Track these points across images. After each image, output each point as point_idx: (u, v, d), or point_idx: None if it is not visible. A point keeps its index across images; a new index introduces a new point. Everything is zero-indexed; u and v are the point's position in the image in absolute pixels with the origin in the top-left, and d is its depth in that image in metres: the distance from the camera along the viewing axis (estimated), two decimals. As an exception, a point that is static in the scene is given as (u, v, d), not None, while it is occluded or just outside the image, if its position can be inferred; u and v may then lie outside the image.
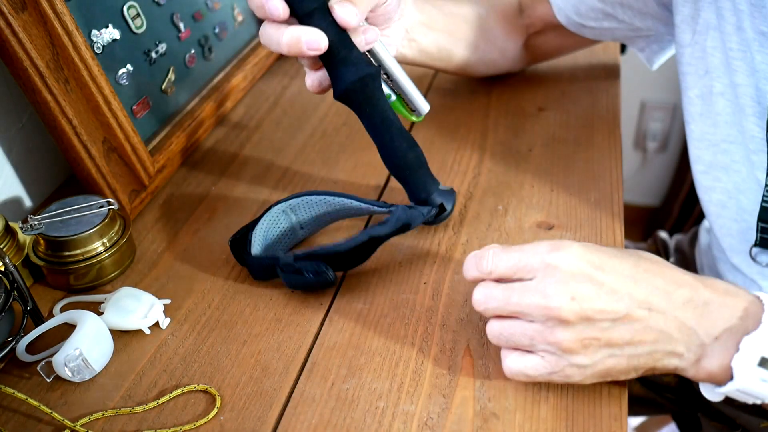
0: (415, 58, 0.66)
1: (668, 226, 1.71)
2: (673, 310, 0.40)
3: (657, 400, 0.84)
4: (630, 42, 0.73)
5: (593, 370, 0.41)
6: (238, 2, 0.83)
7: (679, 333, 0.40)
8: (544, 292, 0.40)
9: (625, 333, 0.40)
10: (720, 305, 0.40)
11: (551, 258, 0.41)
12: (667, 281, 0.41)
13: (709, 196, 0.60)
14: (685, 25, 0.58)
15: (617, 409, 0.43)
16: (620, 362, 0.41)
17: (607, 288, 0.40)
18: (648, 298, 0.40)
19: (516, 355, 0.43)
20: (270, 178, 0.67)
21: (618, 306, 0.40)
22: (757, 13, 0.52)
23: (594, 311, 0.39)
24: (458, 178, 0.65)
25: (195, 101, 0.73)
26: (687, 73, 0.59)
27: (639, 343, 0.40)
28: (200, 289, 0.55)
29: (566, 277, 0.40)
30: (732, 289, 0.42)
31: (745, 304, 0.40)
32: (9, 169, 0.62)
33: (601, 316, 0.40)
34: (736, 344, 0.40)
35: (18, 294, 0.48)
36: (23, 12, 0.51)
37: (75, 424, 0.44)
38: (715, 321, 0.40)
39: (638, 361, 0.41)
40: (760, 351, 0.39)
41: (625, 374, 0.42)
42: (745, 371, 0.39)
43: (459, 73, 0.75)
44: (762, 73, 0.52)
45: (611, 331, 0.40)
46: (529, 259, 0.41)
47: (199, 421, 0.44)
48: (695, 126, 0.59)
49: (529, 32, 0.75)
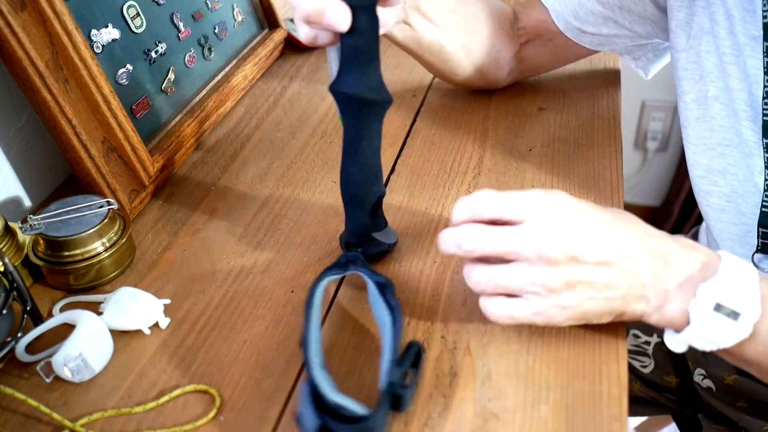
0: (404, 43, 0.65)
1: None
2: (646, 258, 0.43)
3: (657, 400, 0.84)
4: (627, 52, 0.73)
5: (573, 311, 0.44)
6: (238, 2, 0.83)
7: (649, 278, 0.43)
8: (536, 234, 0.42)
9: (605, 276, 0.43)
10: (684, 256, 0.44)
11: (542, 202, 0.44)
12: (641, 232, 0.45)
13: (708, 200, 0.60)
14: (680, 30, 0.59)
15: (617, 410, 0.43)
16: (598, 304, 0.44)
17: (592, 233, 0.43)
18: (626, 245, 0.43)
19: (500, 299, 0.45)
20: (270, 178, 0.67)
21: (602, 250, 0.43)
22: (749, 17, 0.52)
23: (581, 254, 0.42)
24: (458, 178, 0.65)
25: (195, 101, 0.73)
26: (683, 78, 0.60)
27: (616, 287, 0.43)
28: (200, 289, 0.55)
29: (556, 221, 0.43)
30: (695, 244, 0.45)
31: (705, 257, 0.44)
32: (8, 169, 0.62)
33: (586, 259, 0.42)
34: (694, 291, 0.43)
35: (17, 294, 0.48)
36: (23, 11, 0.51)
37: (75, 424, 0.44)
38: (679, 269, 0.44)
39: (613, 304, 0.44)
40: (715, 297, 0.42)
41: (598, 318, 0.45)
42: (701, 315, 0.42)
43: (446, 75, 0.73)
44: (754, 78, 0.53)
45: (594, 273, 0.43)
46: (521, 202, 0.44)
47: (198, 421, 0.44)
48: (692, 130, 0.60)
49: (522, 41, 0.73)
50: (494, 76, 0.74)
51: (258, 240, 0.59)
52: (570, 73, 0.81)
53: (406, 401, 0.41)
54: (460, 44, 0.68)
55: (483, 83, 0.76)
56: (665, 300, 0.44)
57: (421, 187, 0.64)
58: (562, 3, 0.69)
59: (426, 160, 0.68)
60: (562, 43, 0.71)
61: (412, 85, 0.82)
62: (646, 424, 1.22)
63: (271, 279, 0.55)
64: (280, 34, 0.89)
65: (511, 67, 0.75)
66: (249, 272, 0.56)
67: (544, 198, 0.44)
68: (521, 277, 0.43)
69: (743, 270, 0.43)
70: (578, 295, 0.43)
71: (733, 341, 0.43)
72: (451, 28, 0.67)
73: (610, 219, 0.44)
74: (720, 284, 0.42)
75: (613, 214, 0.45)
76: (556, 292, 0.43)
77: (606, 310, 0.44)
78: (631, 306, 0.44)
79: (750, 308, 0.42)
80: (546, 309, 0.44)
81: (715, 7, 0.55)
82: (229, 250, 0.58)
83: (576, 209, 0.44)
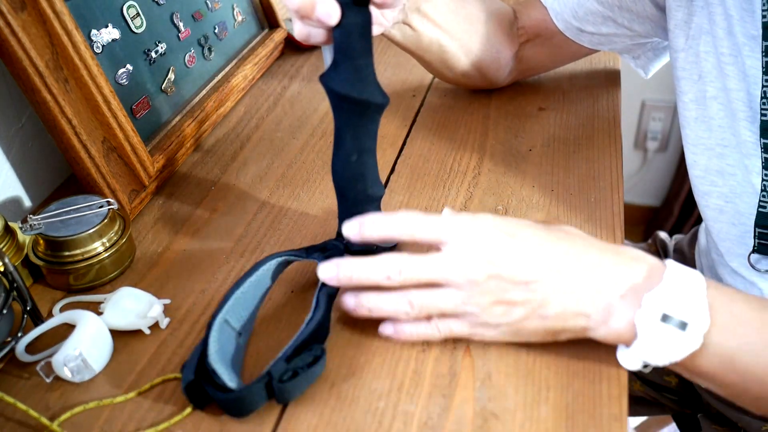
0: (404, 44, 0.65)
1: (668, 227, 1.71)
2: (582, 272, 0.43)
3: (657, 400, 0.84)
4: (626, 51, 0.73)
5: (508, 329, 0.44)
6: (238, 2, 0.83)
7: (586, 294, 0.42)
8: (461, 258, 0.43)
9: (536, 294, 0.43)
10: (626, 267, 0.43)
11: (466, 225, 0.44)
12: (577, 247, 0.44)
13: (706, 200, 0.60)
14: (678, 30, 0.59)
15: (617, 409, 0.43)
16: (532, 323, 0.43)
17: (519, 252, 0.43)
18: (557, 261, 0.43)
19: (428, 325, 0.46)
20: (270, 178, 0.67)
21: (530, 269, 0.42)
22: (747, 17, 0.52)
23: (508, 274, 0.42)
24: (458, 178, 0.65)
25: (195, 101, 0.73)
26: (681, 78, 0.60)
27: (549, 305, 0.43)
28: (200, 289, 0.55)
29: (481, 243, 0.43)
30: (639, 254, 0.44)
31: (648, 267, 0.43)
32: (8, 169, 0.62)
33: (515, 279, 0.42)
34: (639, 302, 0.41)
35: (17, 294, 0.48)
36: (23, 12, 0.51)
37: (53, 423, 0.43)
38: (621, 281, 0.42)
39: (547, 322, 0.43)
40: (661, 307, 0.41)
41: (536, 335, 0.44)
42: (648, 327, 0.41)
43: (446, 74, 0.73)
44: (752, 78, 0.53)
45: (524, 292, 0.43)
46: (444, 225, 0.44)
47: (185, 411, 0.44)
48: (690, 130, 0.60)
49: (521, 41, 0.73)
50: (494, 76, 0.74)
51: (258, 240, 0.59)
52: (570, 73, 0.81)
53: (284, 394, 0.43)
54: (460, 44, 0.68)
55: (483, 83, 0.76)
56: (609, 314, 0.42)
57: (421, 187, 0.64)
58: (561, 2, 0.69)
59: (426, 160, 0.68)
60: (561, 43, 0.71)
61: (412, 85, 0.82)
62: (646, 424, 1.22)
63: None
64: (280, 34, 0.89)
65: (511, 67, 0.75)
66: (249, 272, 0.56)
67: (469, 221, 0.44)
68: (453, 300, 0.44)
69: (689, 278, 0.42)
70: (510, 314, 0.43)
71: (683, 353, 0.41)
72: (452, 28, 0.67)
73: (542, 236, 0.44)
74: (665, 293, 0.41)
75: (548, 231, 0.45)
76: (488, 313, 0.43)
77: (541, 328, 0.44)
78: (569, 323, 0.43)
79: (698, 317, 0.41)
80: (476, 328, 0.45)
81: (713, 6, 0.55)
82: (229, 250, 0.58)
83: (502, 230, 0.44)
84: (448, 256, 0.43)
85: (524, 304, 0.43)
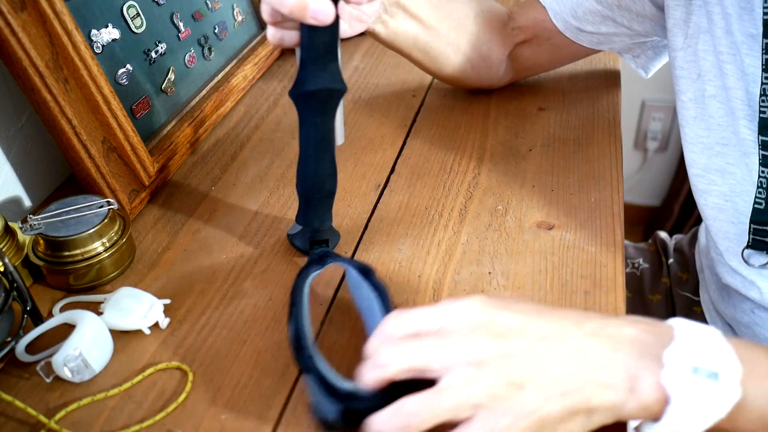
0: (388, 40, 0.65)
1: (668, 227, 1.71)
2: (586, 338, 0.38)
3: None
4: (626, 50, 0.73)
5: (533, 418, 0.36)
6: (238, 2, 0.83)
7: (599, 360, 0.37)
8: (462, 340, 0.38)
9: (546, 366, 0.37)
10: (633, 329, 0.39)
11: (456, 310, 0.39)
12: (574, 316, 0.40)
13: (706, 199, 0.60)
14: (677, 29, 0.59)
15: None
16: (553, 403, 0.36)
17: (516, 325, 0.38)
18: (558, 328, 0.38)
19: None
20: (270, 178, 0.67)
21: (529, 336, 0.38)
22: (746, 16, 0.52)
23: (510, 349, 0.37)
24: (458, 178, 0.65)
25: (195, 101, 0.73)
26: (680, 77, 0.60)
27: (566, 378, 0.37)
28: (200, 289, 0.55)
29: (474, 324, 0.38)
30: (638, 317, 0.41)
31: (653, 327, 0.39)
32: (8, 169, 0.62)
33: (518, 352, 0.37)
34: (660, 361, 0.37)
35: (17, 294, 0.48)
36: (23, 12, 0.51)
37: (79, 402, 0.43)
38: (633, 344, 0.38)
39: (570, 399, 0.36)
40: (688, 360, 0.36)
41: (560, 420, 0.37)
42: (680, 383, 0.36)
43: (437, 72, 0.73)
44: (751, 77, 0.53)
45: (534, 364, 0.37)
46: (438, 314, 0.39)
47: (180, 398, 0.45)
48: (689, 129, 0.60)
49: (516, 41, 0.73)
50: (487, 75, 0.74)
51: (258, 240, 0.59)
52: (570, 73, 0.81)
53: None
54: (447, 41, 0.68)
55: (477, 82, 0.75)
56: (634, 380, 0.37)
57: (421, 187, 0.64)
58: (560, 2, 0.69)
59: (426, 160, 0.68)
60: (560, 43, 0.71)
61: (412, 85, 0.82)
62: (646, 424, 1.21)
63: (271, 279, 0.55)
64: (280, 34, 0.89)
65: (506, 67, 0.75)
66: (249, 272, 0.56)
67: (458, 306, 0.39)
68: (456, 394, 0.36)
69: (703, 329, 0.39)
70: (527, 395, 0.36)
71: (726, 408, 0.36)
72: (436, 24, 0.67)
73: (532, 308, 0.40)
74: (686, 347, 0.37)
75: (535, 304, 0.41)
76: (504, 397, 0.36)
77: (566, 410, 0.36)
78: (597, 397, 0.37)
79: (728, 365, 0.37)
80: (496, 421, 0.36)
81: (712, 5, 0.55)
82: (229, 250, 0.58)
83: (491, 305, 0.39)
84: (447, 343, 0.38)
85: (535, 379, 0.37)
